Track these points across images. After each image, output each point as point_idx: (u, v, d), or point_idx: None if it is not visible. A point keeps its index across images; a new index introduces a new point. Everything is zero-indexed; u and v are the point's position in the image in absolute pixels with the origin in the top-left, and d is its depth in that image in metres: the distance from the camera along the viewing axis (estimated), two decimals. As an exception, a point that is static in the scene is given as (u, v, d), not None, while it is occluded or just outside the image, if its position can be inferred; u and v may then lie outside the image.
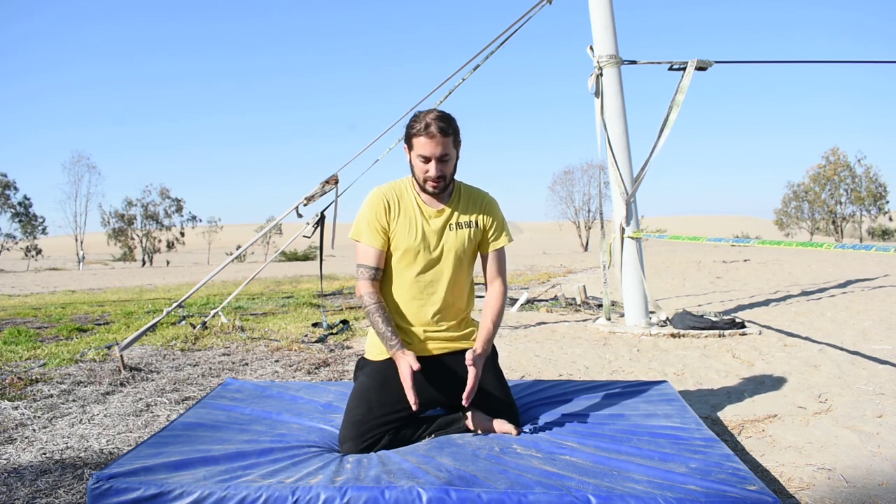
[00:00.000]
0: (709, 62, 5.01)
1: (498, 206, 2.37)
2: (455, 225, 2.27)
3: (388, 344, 2.14)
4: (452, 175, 2.24)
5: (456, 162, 2.24)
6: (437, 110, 2.19)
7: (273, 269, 20.38)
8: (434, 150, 2.13)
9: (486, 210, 2.33)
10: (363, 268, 2.23)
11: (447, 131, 2.14)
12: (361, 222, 2.25)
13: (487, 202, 2.34)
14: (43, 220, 45.08)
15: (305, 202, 5.19)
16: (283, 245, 6.08)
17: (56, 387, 3.58)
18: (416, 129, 2.15)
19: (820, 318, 5.77)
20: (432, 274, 2.26)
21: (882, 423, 2.65)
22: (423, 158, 2.15)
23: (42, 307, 8.71)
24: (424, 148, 2.14)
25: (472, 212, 2.30)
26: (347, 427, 2.12)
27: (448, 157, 2.17)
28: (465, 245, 2.28)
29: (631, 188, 5.28)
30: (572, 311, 6.71)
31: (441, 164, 2.16)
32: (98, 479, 1.75)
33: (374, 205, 2.24)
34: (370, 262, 2.22)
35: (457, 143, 2.21)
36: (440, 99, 5.37)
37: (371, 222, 2.23)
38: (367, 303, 2.19)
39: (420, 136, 2.14)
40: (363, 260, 2.23)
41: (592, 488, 1.69)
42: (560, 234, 72.17)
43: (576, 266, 16.39)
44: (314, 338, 5.26)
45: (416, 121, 2.17)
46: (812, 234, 49.45)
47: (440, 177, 2.17)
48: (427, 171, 2.16)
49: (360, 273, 2.23)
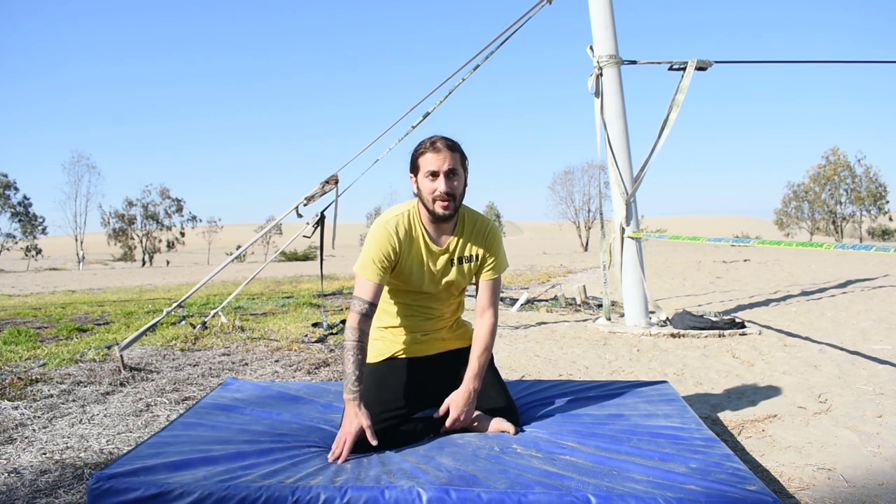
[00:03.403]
0: (709, 62, 5.01)
1: (500, 235, 2.33)
2: (458, 260, 2.26)
3: (349, 388, 2.03)
4: (461, 197, 2.18)
5: (465, 186, 2.18)
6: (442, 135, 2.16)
7: (273, 269, 20.38)
8: (442, 163, 2.09)
9: (488, 243, 2.28)
10: (359, 301, 2.14)
11: (454, 147, 2.12)
12: (367, 258, 2.16)
13: (490, 234, 2.29)
14: (43, 220, 45.16)
15: (305, 202, 5.19)
16: (283, 245, 6.07)
17: (56, 387, 3.58)
18: (422, 149, 2.13)
19: (820, 318, 5.77)
20: (430, 299, 2.31)
21: (882, 423, 2.65)
22: (431, 175, 2.10)
23: (42, 307, 8.71)
24: (432, 163, 2.09)
25: (475, 245, 2.27)
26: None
27: (456, 173, 2.12)
28: (465, 276, 2.29)
29: (631, 188, 5.28)
30: (572, 311, 6.71)
31: (450, 181, 2.10)
32: (98, 479, 1.75)
33: (381, 245, 2.16)
34: (367, 297, 2.13)
35: (464, 164, 2.17)
36: (440, 99, 5.37)
37: (378, 261, 2.15)
38: (347, 337, 2.10)
39: (426, 152, 2.11)
40: (360, 293, 2.14)
41: (592, 488, 1.69)
42: (560, 234, 72.17)
43: (576, 266, 16.39)
44: (314, 338, 5.26)
45: (421, 144, 2.15)
46: (812, 234, 49.46)
47: (450, 194, 2.10)
48: (436, 189, 2.10)
49: (354, 305, 2.14)
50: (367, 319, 2.14)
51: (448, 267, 2.26)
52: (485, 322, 2.28)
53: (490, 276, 2.30)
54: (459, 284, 2.31)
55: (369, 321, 2.15)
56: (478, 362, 2.21)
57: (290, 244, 8.06)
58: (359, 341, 2.10)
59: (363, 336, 2.11)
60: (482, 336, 2.25)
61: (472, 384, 2.19)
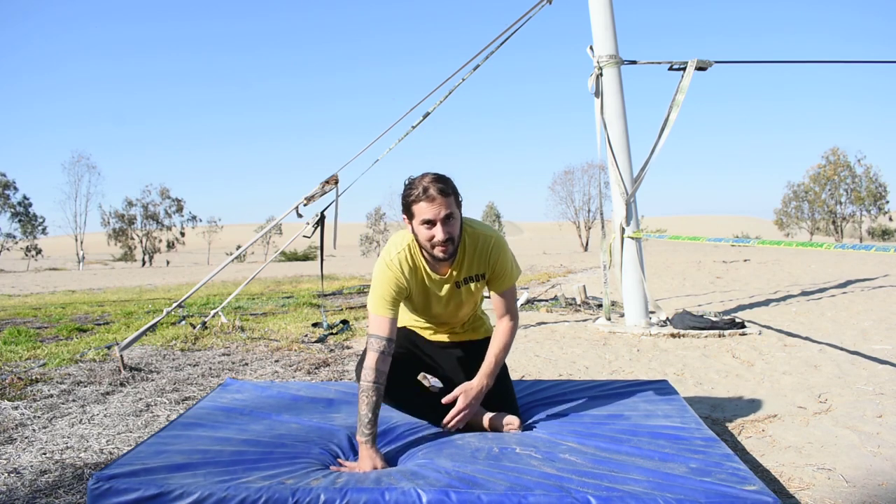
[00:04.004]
0: (709, 62, 5.01)
1: (504, 247, 2.25)
2: (463, 281, 2.25)
3: (363, 431, 2.02)
4: (460, 237, 2.15)
5: (461, 222, 2.15)
6: (431, 173, 2.10)
7: (273, 269, 20.39)
8: (437, 212, 2.04)
9: (492, 260, 2.23)
10: (376, 339, 2.11)
11: (447, 191, 2.06)
12: (377, 297, 2.16)
13: (493, 250, 2.23)
14: (43, 220, 45.15)
15: (305, 202, 5.19)
16: (283, 245, 6.07)
17: (56, 387, 3.58)
18: (414, 196, 2.06)
19: (820, 318, 5.77)
20: (446, 316, 2.38)
21: (882, 423, 2.65)
22: (428, 224, 2.06)
23: (42, 307, 8.71)
24: (427, 212, 2.05)
25: (478, 266, 2.23)
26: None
27: (453, 217, 2.07)
28: (473, 292, 2.31)
29: (631, 188, 5.28)
30: (572, 311, 6.71)
31: (447, 226, 2.06)
32: (98, 479, 1.75)
33: (389, 283, 2.16)
34: (383, 333, 2.11)
35: (458, 202, 2.12)
36: (440, 99, 5.37)
37: (388, 298, 2.15)
38: (364, 377, 2.07)
39: (420, 201, 2.05)
40: (376, 331, 2.12)
41: (592, 489, 1.69)
42: (560, 234, 72.16)
43: (576, 266, 16.39)
44: (314, 338, 5.26)
45: (412, 188, 2.08)
46: (812, 234, 49.46)
47: (448, 239, 2.07)
48: (433, 237, 2.06)
49: (372, 344, 2.11)
50: (386, 358, 2.10)
51: (453, 290, 2.27)
52: (503, 324, 2.30)
53: (501, 290, 2.28)
54: (470, 300, 2.34)
55: (388, 361, 2.11)
56: (493, 360, 2.23)
57: (290, 244, 8.06)
58: (376, 382, 2.06)
59: (381, 377, 2.08)
60: (499, 335, 2.27)
61: (485, 380, 2.20)
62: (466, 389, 2.19)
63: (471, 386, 2.19)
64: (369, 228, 53.40)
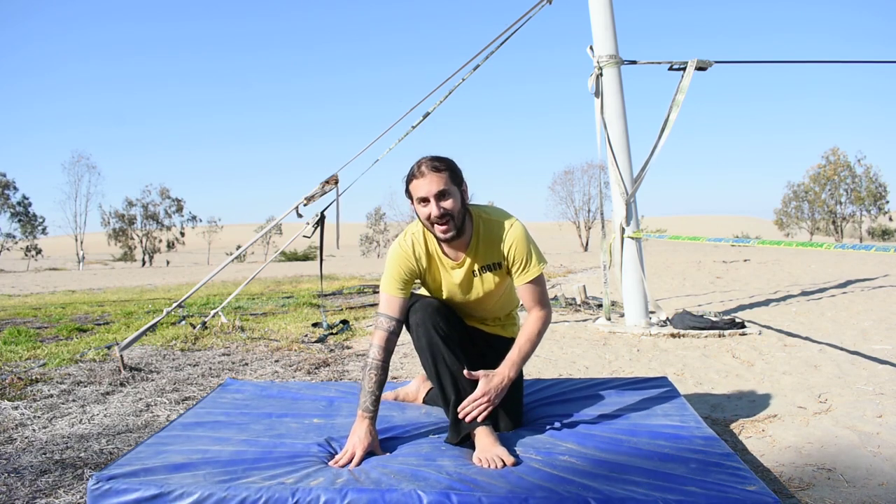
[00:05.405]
0: (709, 62, 5.01)
1: (520, 234, 2.18)
2: (479, 271, 2.22)
3: (366, 406, 2.03)
4: (460, 215, 2.11)
5: (462, 200, 2.12)
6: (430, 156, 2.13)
7: (273, 269, 20.39)
8: (429, 187, 2.05)
9: (507, 247, 2.17)
10: (385, 318, 2.13)
11: (440, 168, 2.07)
12: (389, 276, 2.18)
13: (508, 236, 2.17)
14: (43, 220, 45.16)
15: (305, 202, 5.19)
16: (283, 245, 6.08)
17: (56, 387, 3.58)
18: (410, 175, 2.11)
19: (820, 318, 5.77)
20: (470, 306, 2.33)
21: (882, 423, 2.65)
22: (423, 201, 2.07)
23: (42, 307, 8.71)
24: (420, 189, 2.07)
25: (492, 253, 2.20)
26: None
27: (447, 193, 2.06)
28: (495, 284, 2.24)
29: (631, 188, 5.28)
30: (572, 310, 6.71)
31: (441, 202, 2.05)
32: (98, 479, 1.75)
33: (400, 263, 2.18)
34: (391, 313, 2.13)
35: (456, 181, 2.11)
36: (440, 99, 5.37)
37: (399, 278, 2.17)
38: (371, 355, 2.09)
39: (414, 179, 2.09)
40: (385, 309, 2.14)
41: (592, 492, 1.69)
42: (560, 234, 72.13)
43: (576, 266, 16.39)
44: (314, 338, 5.26)
45: (409, 170, 2.12)
46: (812, 234, 49.46)
47: (443, 215, 2.06)
48: (429, 214, 2.07)
49: (380, 323, 2.13)
50: (393, 338, 2.12)
51: (470, 278, 2.23)
52: (532, 315, 2.21)
53: (524, 281, 2.19)
54: (493, 293, 2.27)
55: (395, 340, 2.12)
56: (518, 350, 2.13)
57: (290, 244, 8.06)
58: (383, 361, 2.08)
59: (387, 356, 2.10)
60: (527, 326, 2.18)
61: (508, 371, 2.08)
62: (490, 375, 2.06)
63: (494, 373, 2.07)
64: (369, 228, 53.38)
